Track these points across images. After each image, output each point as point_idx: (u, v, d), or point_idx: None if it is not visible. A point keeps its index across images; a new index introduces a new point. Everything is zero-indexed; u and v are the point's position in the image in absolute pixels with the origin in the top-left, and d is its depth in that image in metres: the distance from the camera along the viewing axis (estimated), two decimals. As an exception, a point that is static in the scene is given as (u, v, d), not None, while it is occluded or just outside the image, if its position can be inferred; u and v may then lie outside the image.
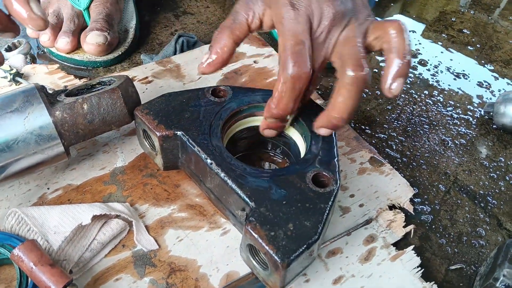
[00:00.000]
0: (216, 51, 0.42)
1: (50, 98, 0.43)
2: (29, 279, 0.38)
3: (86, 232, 0.43)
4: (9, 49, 0.64)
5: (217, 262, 0.43)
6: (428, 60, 0.70)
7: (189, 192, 0.49)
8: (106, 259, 0.42)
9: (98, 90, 0.46)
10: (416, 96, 0.64)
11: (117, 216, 0.45)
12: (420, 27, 0.78)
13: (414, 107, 0.62)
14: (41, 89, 0.43)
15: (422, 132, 0.59)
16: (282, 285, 0.37)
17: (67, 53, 0.63)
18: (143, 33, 0.71)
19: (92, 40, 0.61)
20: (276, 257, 0.35)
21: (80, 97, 0.43)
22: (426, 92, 0.65)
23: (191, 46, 0.67)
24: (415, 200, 0.51)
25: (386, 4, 0.83)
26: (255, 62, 0.65)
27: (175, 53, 0.65)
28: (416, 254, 0.45)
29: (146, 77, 0.61)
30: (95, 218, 0.43)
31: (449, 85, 0.66)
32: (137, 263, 0.43)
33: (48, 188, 0.48)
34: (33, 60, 0.64)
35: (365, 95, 0.63)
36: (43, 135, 0.42)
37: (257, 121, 0.49)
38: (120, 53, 0.65)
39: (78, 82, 0.60)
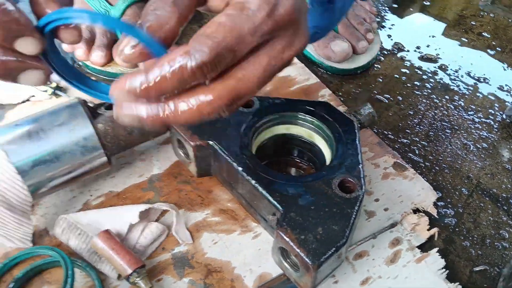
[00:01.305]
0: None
1: (92, 112, 0.47)
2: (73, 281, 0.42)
3: (130, 235, 0.46)
4: (48, 65, 0.68)
5: (250, 264, 0.46)
6: (449, 64, 0.72)
7: (221, 198, 0.52)
8: (148, 261, 0.46)
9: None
10: (437, 101, 0.66)
11: (157, 220, 0.48)
12: (439, 30, 0.79)
13: (436, 112, 0.64)
14: (84, 103, 0.47)
15: (444, 136, 0.61)
16: (313, 286, 0.40)
17: (101, 66, 0.67)
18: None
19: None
20: (307, 260, 0.37)
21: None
22: (447, 97, 0.66)
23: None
24: (439, 203, 0.52)
25: (406, 5, 0.84)
26: (279, 71, 0.67)
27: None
28: (440, 256, 0.46)
29: (177, 89, 0.64)
30: (137, 222, 0.46)
31: (470, 89, 0.68)
32: (177, 265, 0.46)
33: (91, 195, 0.51)
34: (70, 74, 0.68)
35: (386, 101, 0.65)
36: (87, 146, 0.45)
37: (283, 129, 0.52)
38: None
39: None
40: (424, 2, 0.85)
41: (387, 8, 0.83)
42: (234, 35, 0.27)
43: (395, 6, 0.85)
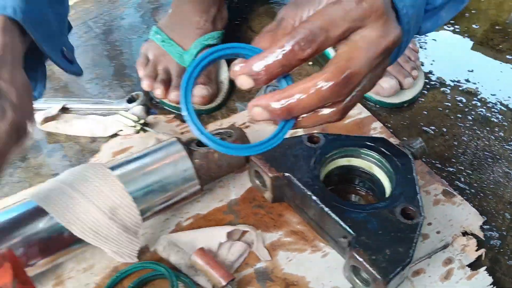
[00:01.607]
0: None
1: (187, 148, 0.56)
2: None
3: (219, 252, 0.55)
4: (130, 101, 0.78)
5: (323, 279, 0.54)
6: (488, 97, 0.78)
7: (291, 221, 0.60)
8: (235, 274, 0.54)
9: (221, 139, 0.59)
10: (479, 132, 0.73)
11: (240, 239, 0.57)
12: (477, 64, 0.86)
13: (478, 142, 0.71)
14: (180, 141, 0.56)
15: (486, 165, 0.67)
16: (381, 299, 0.47)
17: (177, 104, 0.76)
18: (233, 82, 0.84)
19: (198, 93, 0.74)
20: (379, 277, 0.45)
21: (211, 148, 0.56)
22: (488, 128, 0.73)
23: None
24: (484, 227, 0.59)
25: (434, 34, 0.92)
26: (333, 105, 0.76)
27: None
28: (488, 274, 0.53)
29: (244, 123, 0.73)
30: (225, 241, 0.55)
31: (509, 120, 0.74)
32: (259, 278, 0.54)
33: (182, 217, 0.60)
34: (148, 110, 0.78)
35: (432, 132, 0.73)
36: (186, 178, 0.54)
37: (346, 161, 0.60)
38: (219, 102, 0.77)
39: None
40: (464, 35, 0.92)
41: (426, 45, 0.90)
42: (327, 19, 0.34)
43: (434, 41, 0.92)
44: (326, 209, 0.51)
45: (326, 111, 0.37)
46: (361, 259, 0.46)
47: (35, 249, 0.49)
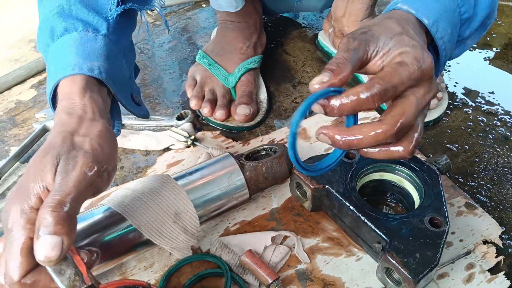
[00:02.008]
0: (338, 75, 0.42)
1: (238, 162, 0.64)
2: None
3: (264, 254, 0.62)
4: (179, 118, 0.87)
5: (357, 280, 0.61)
6: (507, 118, 0.85)
7: (327, 228, 0.67)
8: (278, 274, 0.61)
9: (265, 154, 0.67)
10: (499, 150, 0.79)
11: (282, 243, 0.64)
12: (498, 87, 0.92)
13: (498, 159, 0.77)
14: (232, 155, 0.64)
15: (506, 180, 0.73)
16: (411, 297, 0.54)
17: (222, 121, 0.85)
18: (271, 101, 0.92)
19: (241, 112, 0.83)
20: (410, 277, 0.52)
21: (260, 162, 0.64)
22: (507, 146, 0.79)
23: (312, 113, 0.86)
24: (503, 236, 0.65)
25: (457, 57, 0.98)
26: (363, 124, 0.83)
27: (305, 118, 0.85)
28: (506, 278, 0.59)
29: (283, 139, 0.81)
30: (269, 245, 0.62)
31: (527, 139, 0.80)
32: (300, 278, 0.61)
33: (229, 223, 0.68)
34: (195, 126, 0.86)
35: (455, 149, 0.79)
36: (238, 187, 0.62)
37: (378, 175, 0.67)
38: (259, 120, 0.86)
39: (233, 143, 0.82)
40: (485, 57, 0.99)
41: (450, 67, 0.97)
42: (398, 78, 0.42)
43: (457, 64, 0.99)
44: (363, 217, 0.58)
45: (394, 148, 0.45)
46: (394, 261, 0.53)
47: (111, 248, 0.57)
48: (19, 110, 0.96)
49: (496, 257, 0.62)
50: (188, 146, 0.81)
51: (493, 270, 0.61)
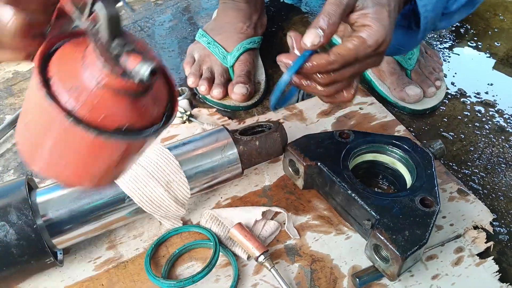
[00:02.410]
0: (326, 36, 0.49)
1: (232, 136, 0.64)
2: (217, 258, 0.58)
3: (254, 228, 0.62)
4: (176, 94, 0.87)
5: (345, 257, 0.60)
6: (505, 109, 0.85)
7: (318, 207, 0.67)
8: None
9: (260, 130, 0.67)
10: (494, 140, 0.79)
11: (273, 218, 0.64)
12: (497, 79, 0.92)
13: (493, 149, 0.77)
14: (227, 129, 0.64)
15: (499, 170, 0.73)
16: (398, 274, 0.54)
17: (219, 100, 0.84)
18: (269, 83, 0.92)
19: (238, 91, 0.82)
20: (398, 253, 0.52)
21: (253, 136, 0.64)
22: (502, 137, 0.79)
23: (310, 95, 0.86)
24: (494, 223, 0.65)
25: (461, 44, 0.98)
26: (360, 108, 0.83)
27: (297, 101, 0.85)
28: (495, 263, 0.59)
29: (278, 119, 0.81)
30: (260, 219, 0.62)
31: (523, 131, 0.80)
32: (289, 253, 0.61)
33: (221, 198, 0.68)
34: (191, 103, 0.86)
35: (451, 137, 0.79)
36: (231, 160, 0.62)
37: (371, 157, 0.66)
38: (256, 100, 0.85)
39: (229, 121, 0.81)
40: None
41: (450, 59, 0.97)
42: (354, 55, 0.49)
43: (457, 55, 0.98)
44: (353, 194, 0.58)
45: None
46: (382, 238, 0.53)
47: (101, 214, 0.57)
48: (16, 80, 0.96)
49: (486, 242, 0.62)
50: (184, 122, 0.81)
51: (482, 255, 0.61)
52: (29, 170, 0.75)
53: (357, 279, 0.56)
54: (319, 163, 0.62)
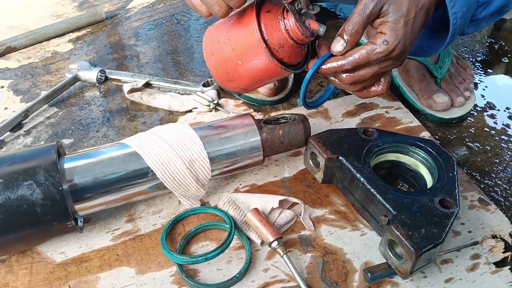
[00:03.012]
0: (350, 44, 0.57)
1: (257, 123, 0.65)
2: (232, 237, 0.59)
3: (270, 215, 0.63)
4: (205, 85, 0.89)
5: (358, 253, 0.60)
6: (534, 126, 0.83)
7: (336, 202, 0.67)
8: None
9: (284, 122, 0.68)
10: (521, 155, 0.77)
11: (290, 208, 0.65)
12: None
13: (519, 163, 0.76)
14: (252, 116, 0.65)
15: (524, 184, 0.72)
16: (411, 271, 0.53)
17: (246, 93, 0.86)
18: (297, 82, 0.93)
19: (266, 85, 0.84)
20: (412, 249, 0.51)
21: (277, 125, 0.65)
22: (530, 153, 0.78)
23: (336, 96, 0.87)
24: (514, 235, 0.64)
25: (491, 63, 0.97)
26: (386, 112, 0.83)
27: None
28: (511, 273, 0.58)
29: (303, 114, 0.81)
30: (276, 207, 0.63)
31: (552, 149, 0.79)
32: (302, 243, 0.61)
33: (240, 184, 0.69)
34: (219, 94, 0.88)
35: (476, 148, 0.78)
36: (254, 147, 0.63)
37: (394, 157, 0.66)
38: (283, 96, 0.86)
39: (254, 113, 0.83)
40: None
41: (482, 72, 0.96)
42: (365, 59, 0.56)
43: (489, 70, 0.97)
44: (372, 189, 0.58)
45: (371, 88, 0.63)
46: (398, 233, 0.53)
47: (122, 184, 0.59)
48: (54, 60, 1.00)
49: (504, 252, 0.61)
50: (210, 110, 0.82)
51: (499, 265, 0.60)
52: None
53: (369, 274, 0.56)
54: (340, 157, 0.63)
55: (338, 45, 0.57)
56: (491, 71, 0.97)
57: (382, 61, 0.57)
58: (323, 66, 0.59)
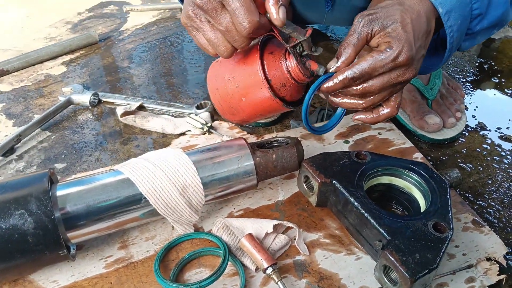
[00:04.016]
0: (343, 62, 0.57)
1: (250, 147, 0.65)
2: (226, 265, 0.58)
3: (264, 241, 0.62)
4: (198, 108, 0.89)
5: (353, 278, 0.60)
6: (525, 146, 0.84)
7: (330, 225, 0.67)
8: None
9: (277, 145, 0.68)
10: (513, 175, 0.78)
11: (284, 233, 0.64)
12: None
13: (511, 183, 0.76)
14: (245, 140, 0.66)
15: (517, 205, 0.73)
16: (406, 297, 0.53)
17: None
18: (291, 102, 0.93)
19: (260, 106, 0.84)
20: (407, 275, 0.51)
21: (270, 149, 0.65)
22: (522, 173, 0.78)
23: (329, 117, 0.87)
24: (508, 256, 0.64)
25: (481, 83, 0.98)
26: (379, 133, 0.83)
27: (316, 121, 0.86)
28: (507, 297, 0.58)
29: (296, 137, 0.82)
30: (271, 232, 0.63)
31: (543, 169, 0.79)
32: (297, 268, 0.61)
33: (234, 208, 0.69)
34: (212, 117, 0.88)
35: (468, 169, 0.79)
36: (247, 171, 0.63)
37: (387, 180, 0.67)
38: (275, 118, 0.87)
39: (247, 136, 0.83)
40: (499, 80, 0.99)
41: (473, 92, 0.98)
42: (371, 67, 0.55)
43: (480, 90, 0.99)
44: (366, 214, 0.58)
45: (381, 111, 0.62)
46: (392, 259, 0.53)
47: (115, 211, 0.59)
48: (47, 83, 1.00)
49: (498, 275, 0.61)
50: (204, 133, 0.83)
51: (494, 287, 0.60)
52: (51, 166, 0.78)
53: (364, 300, 0.56)
54: (333, 181, 0.63)
55: (332, 63, 0.58)
56: (481, 90, 0.99)
57: (391, 70, 0.56)
58: (330, 83, 0.58)
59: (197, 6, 0.54)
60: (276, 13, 0.53)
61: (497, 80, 1.02)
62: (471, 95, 0.97)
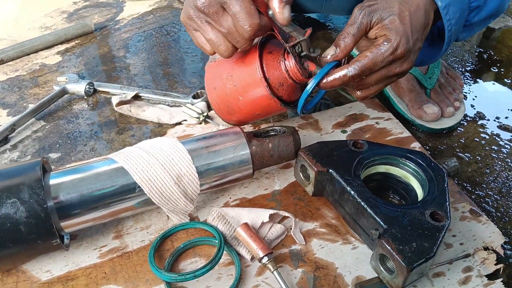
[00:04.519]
0: (341, 51, 0.57)
1: (246, 136, 0.64)
2: (221, 255, 0.58)
3: (260, 230, 0.62)
4: (194, 97, 0.88)
5: (350, 267, 0.60)
6: (524, 136, 0.83)
7: (327, 215, 0.66)
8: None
9: (274, 134, 0.67)
10: (511, 164, 0.77)
11: (280, 222, 0.64)
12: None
13: (509, 173, 0.76)
14: (241, 129, 0.65)
15: (515, 194, 0.72)
16: (403, 286, 0.53)
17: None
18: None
19: (257, 96, 0.83)
20: (403, 264, 0.51)
21: (266, 138, 0.64)
22: (520, 162, 0.78)
23: (327, 107, 0.86)
24: (505, 246, 0.63)
25: (480, 73, 0.98)
26: (376, 123, 0.82)
27: (314, 111, 0.85)
28: (504, 286, 0.58)
29: (293, 127, 0.81)
30: (267, 222, 0.62)
31: (542, 159, 0.79)
32: (293, 258, 0.61)
33: (230, 198, 0.68)
34: (209, 106, 0.87)
35: (466, 159, 0.78)
36: (243, 160, 0.62)
37: (384, 169, 0.66)
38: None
39: (245, 125, 0.82)
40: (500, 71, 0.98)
41: (472, 82, 0.97)
42: (372, 62, 0.55)
43: (479, 80, 0.98)
44: (363, 203, 0.58)
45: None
46: (389, 247, 0.52)
47: (108, 200, 0.58)
48: (42, 72, 0.99)
49: (496, 264, 0.60)
50: (200, 123, 0.82)
51: (491, 277, 0.59)
52: (46, 156, 0.77)
53: (360, 289, 0.55)
54: (330, 170, 0.62)
55: (329, 51, 0.58)
56: (480, 80, 0.98)
57: (389, 63, 0.57)
58: (328, 79, 0.58)
59: (198, 9, 0.54)
60: (281, 12, 0.53)
61: (496, 70, 1.01)
62: (470, 85, 0.96)
